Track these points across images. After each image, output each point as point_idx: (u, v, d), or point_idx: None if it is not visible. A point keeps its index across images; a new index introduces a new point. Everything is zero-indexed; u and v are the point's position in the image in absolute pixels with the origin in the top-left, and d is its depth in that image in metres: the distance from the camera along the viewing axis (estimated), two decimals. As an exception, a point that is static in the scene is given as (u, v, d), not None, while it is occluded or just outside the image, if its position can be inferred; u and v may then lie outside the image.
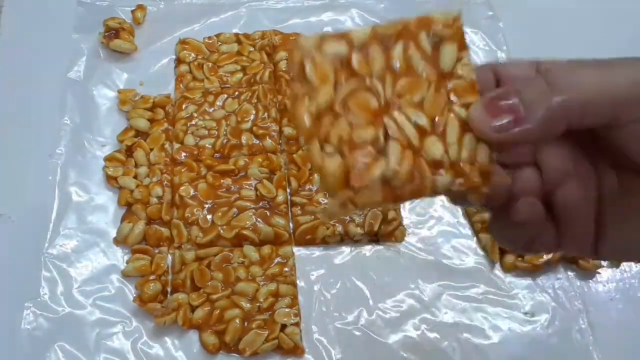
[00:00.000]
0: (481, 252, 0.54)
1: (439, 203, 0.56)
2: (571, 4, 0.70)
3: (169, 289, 0.51)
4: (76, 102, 0.59)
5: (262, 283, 0.51)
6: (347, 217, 0.53)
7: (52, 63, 0.61)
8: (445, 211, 0.56)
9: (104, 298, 0.50)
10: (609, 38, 0.67)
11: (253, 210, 0.54)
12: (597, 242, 0.29)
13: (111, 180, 0.55)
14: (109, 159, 0.56)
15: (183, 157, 0.56)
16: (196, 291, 0.50)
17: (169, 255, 0.52)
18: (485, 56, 0.65)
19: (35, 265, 0.51)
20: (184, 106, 0.59)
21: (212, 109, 0.59)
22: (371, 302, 0.51)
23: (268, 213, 0.54)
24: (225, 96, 0.60)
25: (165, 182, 0.55)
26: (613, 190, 0.29)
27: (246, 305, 0.50)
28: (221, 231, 0.52)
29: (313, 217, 0.53)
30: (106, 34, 0.62)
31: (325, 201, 0.54)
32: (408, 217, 0.56)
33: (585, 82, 0.25)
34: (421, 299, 0.52)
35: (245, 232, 0.52)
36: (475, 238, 0.55)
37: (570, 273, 0.54)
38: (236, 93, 0.60)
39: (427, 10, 0.76)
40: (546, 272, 0.53)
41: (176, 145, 0.57)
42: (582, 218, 0.29)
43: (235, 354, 0.48)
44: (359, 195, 0.27)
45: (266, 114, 0.59)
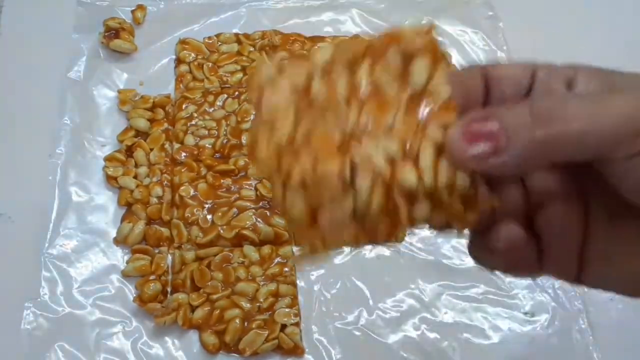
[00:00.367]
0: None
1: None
2: (571, 4, 0.70)
3: (169, 289, 0.51)
4: (76, 102, 0.59)
5: (262, 283, 0.51)
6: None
7: (52, 63, 0.61)
8: (445, 211, 0.56)
9: (104, 298, 0.50)
10: (609, 38, 0.67)
11: (253, 210, 0.54)
12: (581, 271, 0.27)
13: (111, 180, 0.55)
14: (109, 159, 0.56)
15: (183, 157, 0.56)
16: (196, 291, 0.50)
17: (169, 255, 0.52)
18: (485, 56, 0.65)
19: (35, 265, 0.51)
20: (184, 106, 0.59)
21: (212, 109, 0.59)
22: (371, 302, 0.51)
23: (268, 213, 0.54)
24: (225, 96, 0.60)
25: (165, 182, 0.55)
26: (601, 218, 0.26)
27: (246, 305, 0.50)
28: (221, 231, 0.52)
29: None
30: (106, 34, 0.62)
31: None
32: (408, 217, 0.56)
33: (575, 113, 0.23)
34: (421, 299, 0.52)
35: (245, 232, 0.52)
36: (475, 238, 0.55)
37: (570, 273, 0.54)
38: (236, 93, 0.60)
39: (428, 10, 0.76)
40: (546, 272, 0.53)
41: (176, 145, 0.57)
42: (566, 241, 0.27)
43: (235, 354, 0.48)
44: (329, 235, 0.25)
45: (266, 114, 0.58)
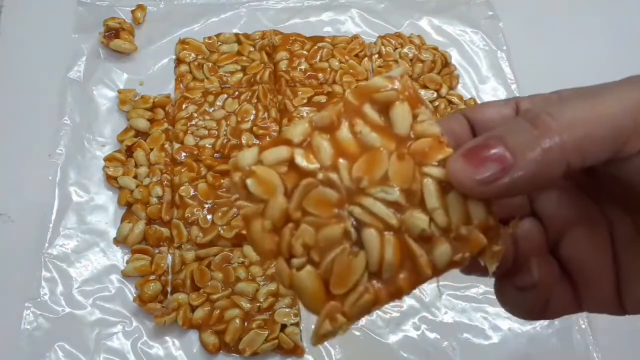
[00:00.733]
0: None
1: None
2: (571, 4, 0.69)
3: (169, 289, 0.51)
4: (76, 102, 0.59)
5: (262, 283, 0.51)
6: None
7: (52, 63, 0.61)
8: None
9: (104, 298, 0.50)
10: (609, 37, 0.67)
11: (253, 210, 0.54)
12: (622, 296, 0.26)
13: (111, 180, 0.55)
14: (109, 159, 0.56)
15: (183, 157, 0.56)
16: (196, 291, 0.50)
17: (169, 255, 0.52)
18: (485, 56, 0.65)
19: (35, 265, 0.51)
20: (184, 106, 0.59)
21: (212, 109, 0.59)
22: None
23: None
24: (225, 96, 0.60)
25: (165, 182, 0.55)
26: (628, 234, 0.25)
27: (246, 305, 0.50)
28: (221, 231, 0.52)
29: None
30: (106, 34, 0.62)
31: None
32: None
33: (577, 117, 0.22)
34: (421, 299, 0.52)
35: (245, 232, 0.52)
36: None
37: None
38: (236, 93, 0.60)
39: (428, 10, 0.76)
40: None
41: (176, 145, 0.57)
42: (596, 269, 0.26)
43: (235, 354, 0.48)
44: (347, 302, 0.24)
45: (266, 114, 0.59)
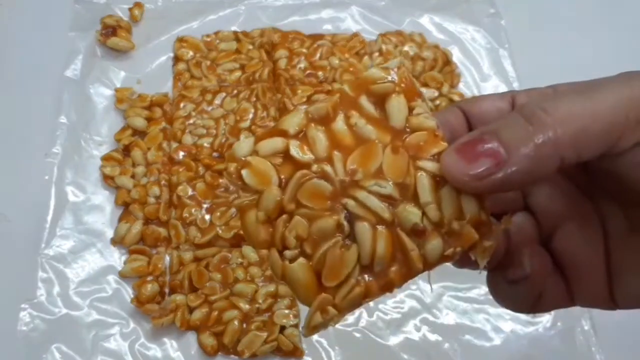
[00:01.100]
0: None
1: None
2: (573, 2, 0.69)
3: (167, 290, 0.51)
4: (73, 101, 0.59)
5: (261, 284, 0.50)
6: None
7: (49, 61, 0.60)
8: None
9: (101, 299, 0.50)
10: (611, 35, 0.67)
11: (252, 210, 0.53)
12: (613, 291, 0.26)
13: (108, 179, 0.55)
14: (106, 159, 0.56)
15: (181, 157, 0.56)
16: (194, 292, 0.50)
17: (167, 255, 0.52)
18: (487, 54, 0.65)
19: (31, 266, 0.50)
20: (182, 105, 0.58)
21: (211, 108, 0.59)
22: (371, 303, 0.51)
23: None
24: (223, 95, 0.59)
25: (163, 182, 0.54)
26: (620, 228, 0.26)
27: (245, 306, 0.49)
28: (219, 231, 0.52)
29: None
30: (103, 32, 0.61)
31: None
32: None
33: (571, 112, 0.22)
34: (422, 300, 0.51)
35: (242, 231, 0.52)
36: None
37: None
38: (235, 91, 0.60)
39: (429, 7, 0.75)
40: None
41: (174, 144, 0.56)
42: (588, 263, 0.26)
43: (233, 356, 0.48)
44: (339, 295, 0.24)
45: (265, 113, 0.58)
